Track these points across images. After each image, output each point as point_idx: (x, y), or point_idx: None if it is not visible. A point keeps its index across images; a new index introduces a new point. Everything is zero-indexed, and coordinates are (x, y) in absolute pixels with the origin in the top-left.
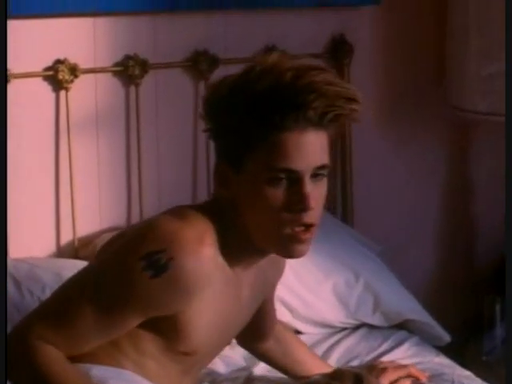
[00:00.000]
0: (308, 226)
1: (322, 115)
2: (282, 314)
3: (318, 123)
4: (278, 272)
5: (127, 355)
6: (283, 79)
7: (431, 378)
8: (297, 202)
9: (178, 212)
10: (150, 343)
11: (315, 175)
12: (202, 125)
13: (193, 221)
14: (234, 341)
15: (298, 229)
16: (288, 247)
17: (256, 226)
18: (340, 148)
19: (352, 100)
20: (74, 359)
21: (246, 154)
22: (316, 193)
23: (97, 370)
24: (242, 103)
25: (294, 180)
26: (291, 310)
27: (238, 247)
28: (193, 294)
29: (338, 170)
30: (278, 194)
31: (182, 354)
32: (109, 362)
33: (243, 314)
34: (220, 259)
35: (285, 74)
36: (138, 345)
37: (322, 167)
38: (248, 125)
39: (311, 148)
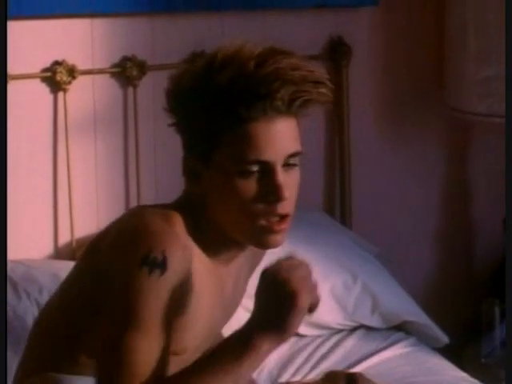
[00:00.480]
0: (283, 217)
1: (290, 103)
2: None
3: (286, 111)
4: (259, 261)
5: None
6: (246, 68)
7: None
8: (270, 193)
9: (141, 210)
10: None
11: (287, 164)
12: None
13: (157, 214)
14: None
15: (272, 219)
16: (263, 238)
17: (230, 219)
18: (339, 149)
19: (319, 83)
20: (54, 369)
21: (213, 147)
22: (289, 182)
23: (82, 382)
24: (206, 95)
25: (266, 171)
26: None
27: (212, 241)
28: (191, 276)
29: (337, 170)
30: (249, 186)
31: (171, 354)
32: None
33: (228, 309)
34: (196, 249)
35: (247, 62)
36: None
37: (294, 155)
38: (213, 117)
39: (281, 137)
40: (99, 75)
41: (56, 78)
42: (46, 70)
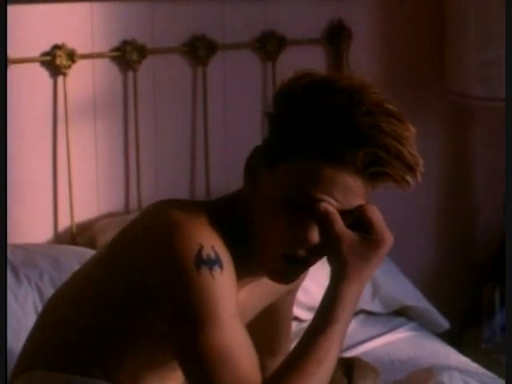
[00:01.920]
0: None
1: (367, 164)
2: None
3: (358, 170)
4: (292, 289)
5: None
6: (356, 109)
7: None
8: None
9: (172, 204)
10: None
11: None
12: (200, 110)
13: (190, 209)
14: None
15: (299, 253)
16: (281, 270)
17: (260, 234)
18: None
19: (411, 171)
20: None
21: (280, 157)
22: None
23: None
24: (307, 106)
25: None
26: None
27: (235, 256)
28: None
29: None
30: (291, 215)
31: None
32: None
33: None
34: None
35: (361, 105)
36: (141, 362)
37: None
38: (297, 130)
39: (342, 187)
40: (99, 59)
41: (56, 61)
42: (45, 53)
